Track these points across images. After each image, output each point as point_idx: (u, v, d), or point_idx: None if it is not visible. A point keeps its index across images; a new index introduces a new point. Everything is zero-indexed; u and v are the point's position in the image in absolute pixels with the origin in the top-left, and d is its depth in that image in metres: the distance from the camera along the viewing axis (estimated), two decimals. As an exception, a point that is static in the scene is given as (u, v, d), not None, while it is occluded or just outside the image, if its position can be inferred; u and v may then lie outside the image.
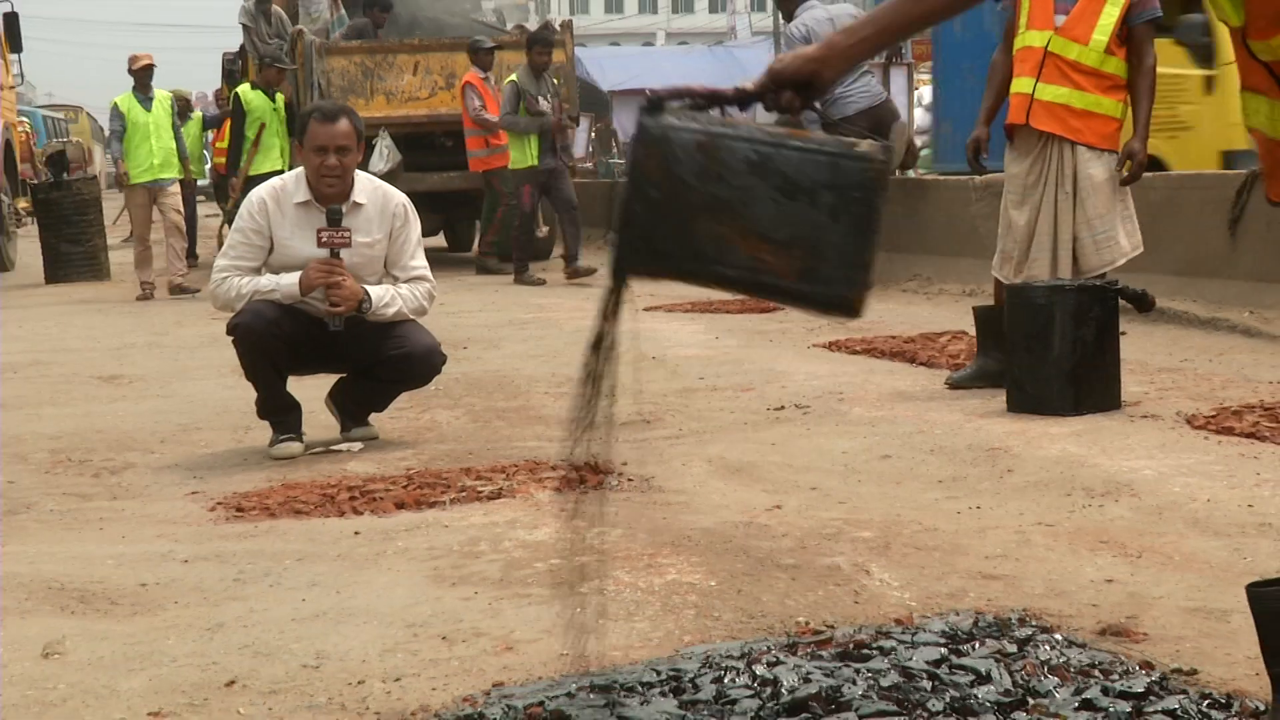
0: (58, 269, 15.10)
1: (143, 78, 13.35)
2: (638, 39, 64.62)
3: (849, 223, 2.41)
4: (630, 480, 4.79)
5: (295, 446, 5.48)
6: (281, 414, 5.57)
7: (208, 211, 23.32)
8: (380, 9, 14.14)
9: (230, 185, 14.25)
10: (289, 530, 4.31)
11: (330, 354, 5.57)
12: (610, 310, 2.57)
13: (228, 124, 19.49)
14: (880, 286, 5.00)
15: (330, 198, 5.46)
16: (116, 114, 13.30)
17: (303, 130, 5.49)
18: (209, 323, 10.34)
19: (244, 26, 16.68)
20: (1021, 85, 6.13)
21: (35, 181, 17.45)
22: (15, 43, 20.60)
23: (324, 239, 5.42)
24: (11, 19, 20.34)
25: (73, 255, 15.15)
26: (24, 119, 23.62)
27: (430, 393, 6.42)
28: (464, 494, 4.66)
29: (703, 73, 44.97)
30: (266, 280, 5.44)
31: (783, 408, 6.07)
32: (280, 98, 13.63)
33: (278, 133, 13.58)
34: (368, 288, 5.47)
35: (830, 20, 10.38)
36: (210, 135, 20.24)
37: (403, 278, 5.61)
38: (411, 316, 5.61)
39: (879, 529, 4.03)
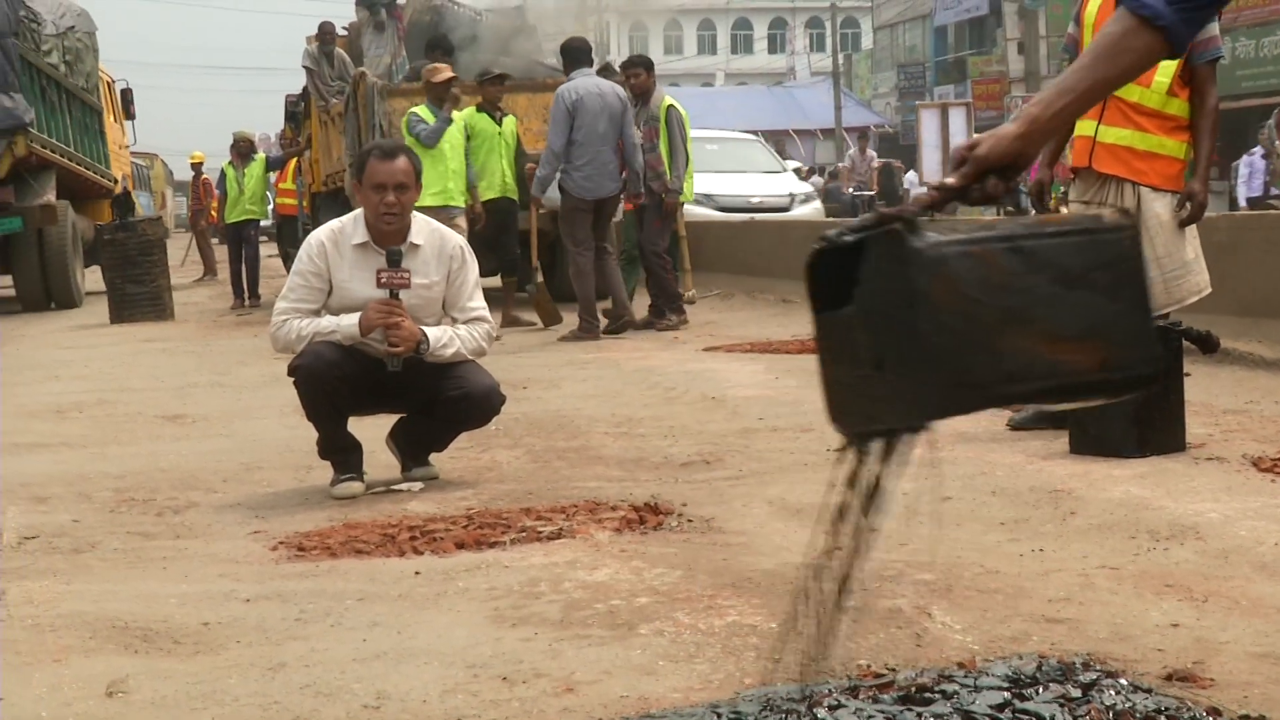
0: (122, 309, 15.29)
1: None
2: (697, 79, 64.87)
3: (1128, 298, 2.33)
4: (690, 521, 4.79)
5: (356, 486, 5.51)
6: (343, 454, 5.60)
7: (269, 252, 23.53)
8: (443, 52, 14.23)
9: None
10: (350, 570, 4.32)
11: (390, 394, 5.60)
12: (887, 463, 2.41)
13: (291, 165, 19.79)
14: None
15: (388, 236, 5.49)
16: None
17: (361, 168, 5.53)
18: (271, 362, 10.41)
19: (307, 69, 16.89)
20: (1084, 128, 6.10)
21: (101, 224, 17.71)
22: (129, 112, 25.41)
23: (383, 280, 5.46)
24: (127, 93, 25.20)
25: (137, 296, 15.33)
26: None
27: (490, 433, 6.43)
28: (524, 534, 4.66)
29: (762, 112, 45.15)
30: (326, 322, 5.48)
31: (843, 449, 6.03)
32: (509, 122, 12.77)
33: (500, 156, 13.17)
34: (426, 329, 5.49)
35: (597, 91, 11.24)
36: (273, 177, 20.46)
37: (461, 319, 5.64)
38: (470, 357, 5.63)
39: (941, 571, 4.00)
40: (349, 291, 5.51)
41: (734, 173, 18.82)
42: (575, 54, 11.80)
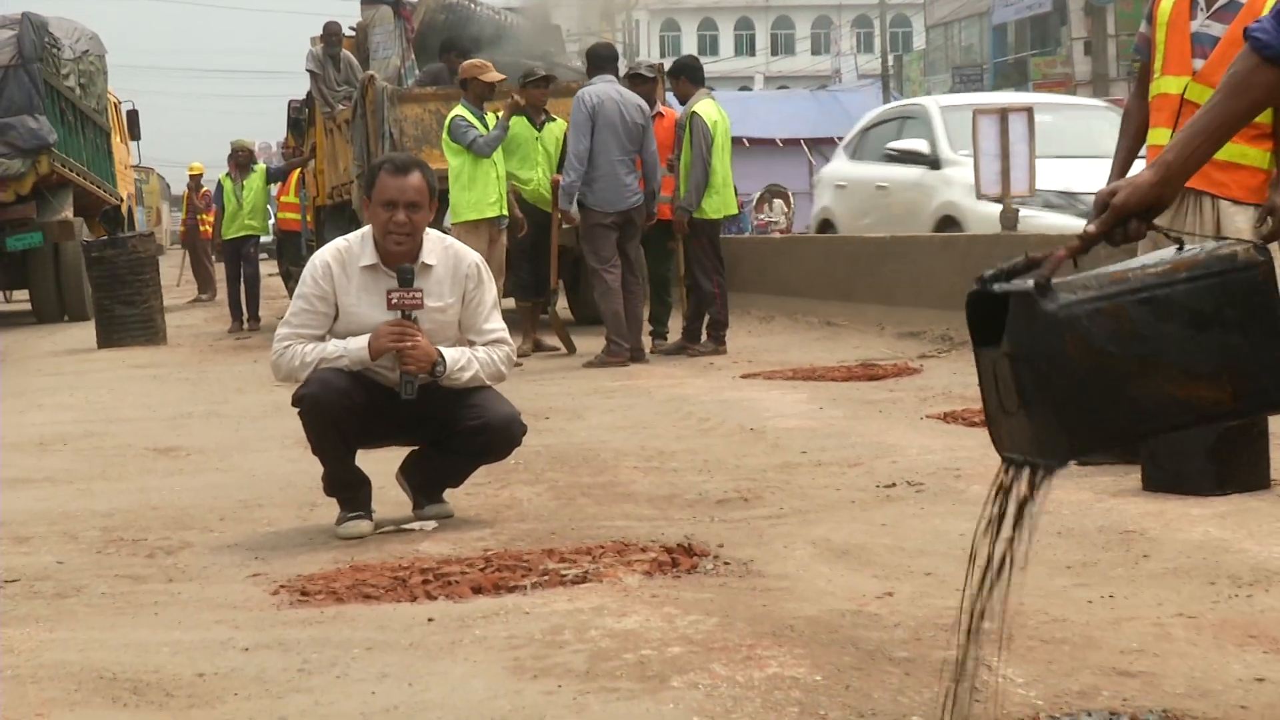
0: (111, 332, 15.37)
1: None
2: (734, 83, 65.01)
3: (1260, 330, 2.64)
4: (727, 564, 4.79)
5: (364, 525, 5.52)
6: (350, 490, 5.61)
7: (270, 270, 23.65)
8: (457, 54, 14.27)
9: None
10: (357, 616, 4.33)
11: (402, 425, 5.61)
12: (1034, 496, 2.73)
13: (294, 176, 19.90)
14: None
15: (397, 257, 5.51)
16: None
17: (370, 183, 5.55)
18: (272, 390, 10.46)
19: (311, 73, 16.98)
20: (1158, 136, 6.09)
21: (89, 239, 17.96)
22: (135, 132, 28.61)
23: (394, 300, 5.47)
24: (133, 115, 28.39)
25: (127, 318, 15.41)
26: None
27: (509, 467, 6.44)
28: (546, 578, 4.66)
29: (804, 119, 45.16)
30: (333, 346, 5.50)
31: (894, 485, 6.04)
32: (553, 128, 12.57)
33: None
34: (442, 349, 5.51)
35: (618, 99, 11.35)
36: (274, 189, 20.58)
37: (479, 342, 5.65)
38: (488, 383, 5.64)
39: (1001, 619, 3.98)
40: (357, 316, 5.53)
41: (1088, 157, 13.97)
42: (600, 60, 11.88)
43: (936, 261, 12.36)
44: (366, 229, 5.63)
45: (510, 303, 12.79)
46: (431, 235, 5.63)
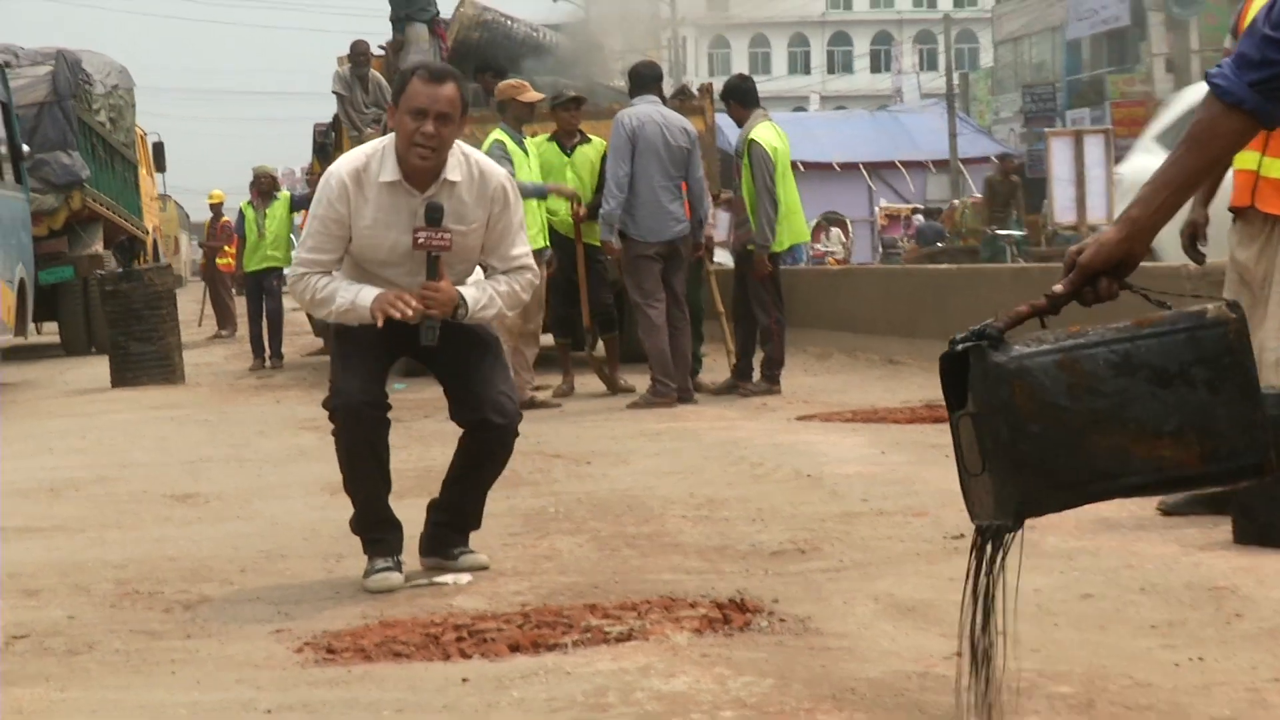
0: (126, 371, 15.46)
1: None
2: (788, 104, 65.12)
3: (1230, 390, 2.71)
4: (783, 621, 4.77)
5: (394, 578, 5.53)
6: (380, 530, 5.63)
7: (294, 304, 23.76)
8: (493, 74, 14.35)
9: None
10: (387, 676, 4.33)
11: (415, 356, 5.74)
12: (999, 560, 2.87)
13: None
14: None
15: (420, 171, 5.48)
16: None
17: (400, 89, 5.49)
18: (295, 433, 10.52)
19: (338, 95, 17.08)
20: (1245, 160, 6.05)
21: (102, 273, 18.16)
22: (160, 164, 30.97)
23: (420, 239, 5.46)
24: (159, 147, 30.69)
25: (143, 356, 15.50)
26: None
27: (549, 516, 6.45)
28: (589, 635, 4.66)
29: (864, 141, 45.22)
30: (341, 297, 5.51)
31: (962, 536, 6.00)
32: (588, 150, 12.52)
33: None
34: (463, 290, 5.54)
35: (661, 122, 11.45)
36: (298, 218, 20.68)
37: (502, 268, 5.68)
38: (509, 314, 5.82)
39: (1080, 683, 3.96)
40: (373, 238, 5.52)
41: None
42: (642, 79, 11.89)
43: (1007, 295, 12.28)
44: (387, 139, 5.59)
45: (548, 339, 12.82)
46: (456, 149, 5.58)
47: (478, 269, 5.73)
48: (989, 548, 2.88)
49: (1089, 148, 25.12)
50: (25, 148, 19.01)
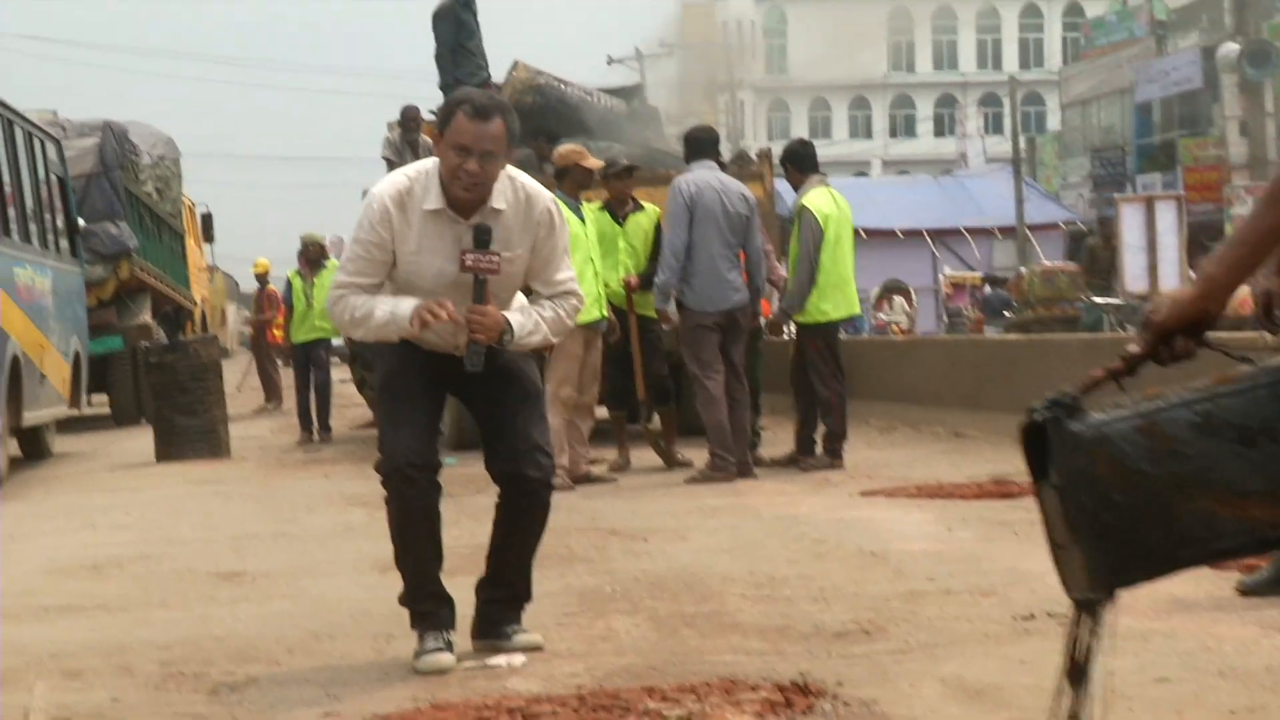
0: (170, 445, 15.54)
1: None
2: (849, 169, 65.22)
3: None
4: (847, 705, 4.75)
5: (446, 659, 5.53)
6: (430, 603, 5.63)
7: (343, 376, 23.87)
8: (546, 139, 14.43)
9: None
10: (438, 761, 4.33)
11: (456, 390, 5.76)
12: (1093, 635, 2.85)
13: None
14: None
15: (465, 203, 5.51)
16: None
17: (445, 121, 5.51)
18: (344, 509, 10.55)
19: (388, 161, 17.19)
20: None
21: (147, 345, 18.34)
22: (209, 234, 32.69)
23: (469, 261, 5.48)
24: (207, 218, 32.47)
25: (188, 429, 15.59)
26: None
27: (605, 595, 6.44)
28: (647, 718, 4.65)
29: (927, 207, 45.19)
30: (381, 311, 5.52)
31: (1032, 617, 5.97)
32: (642, 218, 12.54)
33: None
34: (509, 315, 5.56)
35: (720, 188, 11.47)
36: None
37: (547, 293, 5.70)
38: (554, 340, 5.82)
39: (1157, 770, 3.92)
40: (417, 265, 5.54)
41: None
42: (699, 144, 11.92)
43: (1077, 366, 12.19)
44: (431, 163, 5.61)
45: (603, 412, 12.83)
46: (502, 175, 5.60)
47: (520, 295, 5.77)
48: (1085, 622, 2.85)
49: (1161, 214, 25.05)
50: (81, 221, 19.47)
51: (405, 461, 5.53)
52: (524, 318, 5.61)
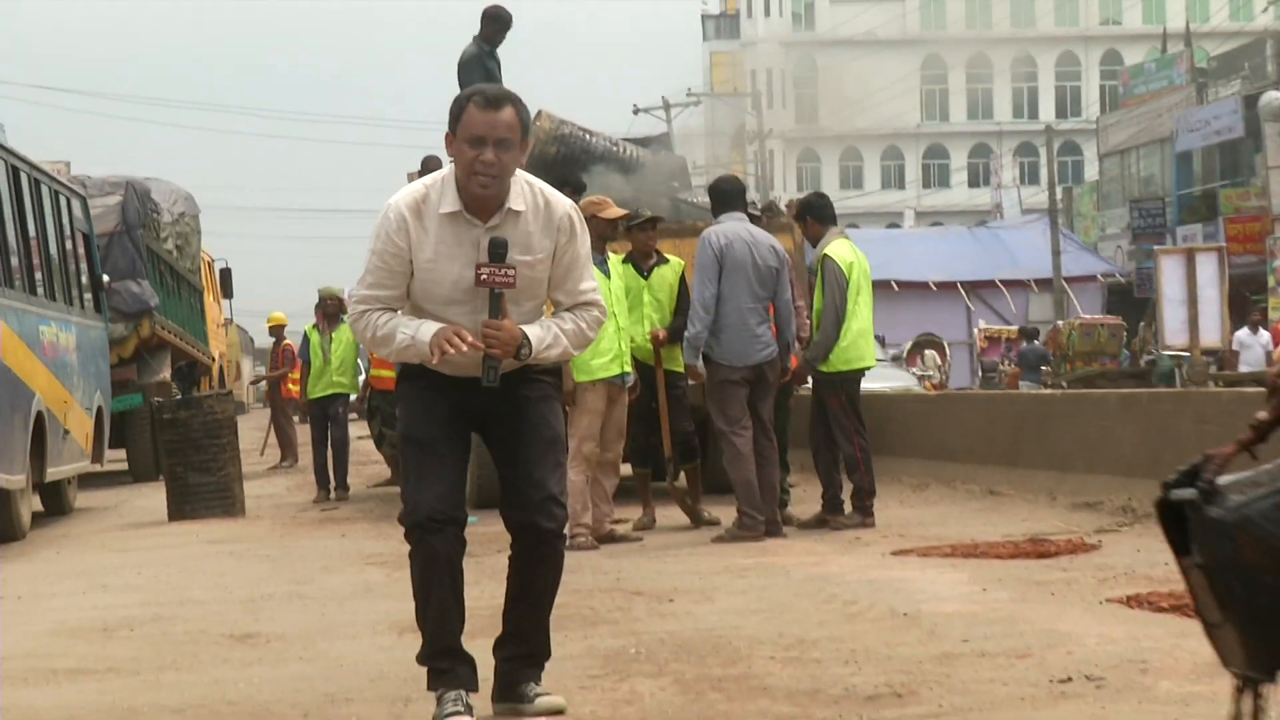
0: (184, 503, 15.54)
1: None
2: (881, 220, 65.35)
3: None
4: (878, 770, 4.74)
5: (465, 722, 5.52)
6: (449, 660, 5.61)
7: (360, 433, 23.93)
8: (571, 189, 14.46)
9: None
10: (457, 828, 4.33)
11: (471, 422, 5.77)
12: (1257, 711, 2.87)
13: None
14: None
15: (481, 201, 5.52)
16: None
17: (457, 117, 5.54)
18: (361, 569, 10.56)
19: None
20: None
21: (160, 400, 18.34)
22: (228, 290, 33.42)
23: (483, 275, 5.50)
24: (226, 273, 33.12)
25: (202, 487, 15.59)
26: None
27: (630, 657, 6.43)
28: (671, 785, 4.64)
29: (962, 259, 45.25)
30: (402, 334, 5.55)
31: (1069, 680, 5.96)
32: (667, 271, 12.64)
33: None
34: (526, 329, 5.57)
35: (749, 240, 11.50)
36: (365, 343, 20.82)
37: (568, 303, 5.71)
38: (575, 354, 5.80)
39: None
40: (435, 273, 5.57)
41: None
42: (725, 195, 11.94)
43: (1114, 422, 12.27)
44: (447, 170, 5.64)
45: (627, 469, 12.83)
46: (520, 177, 5.62)
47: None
48: (1246, 698, 2.86)
49: (1201, 266, 25.01)
50: (105, 278, 19.88)
51: (429, 514, 5.55)
52: (543, 331, 5.63)
